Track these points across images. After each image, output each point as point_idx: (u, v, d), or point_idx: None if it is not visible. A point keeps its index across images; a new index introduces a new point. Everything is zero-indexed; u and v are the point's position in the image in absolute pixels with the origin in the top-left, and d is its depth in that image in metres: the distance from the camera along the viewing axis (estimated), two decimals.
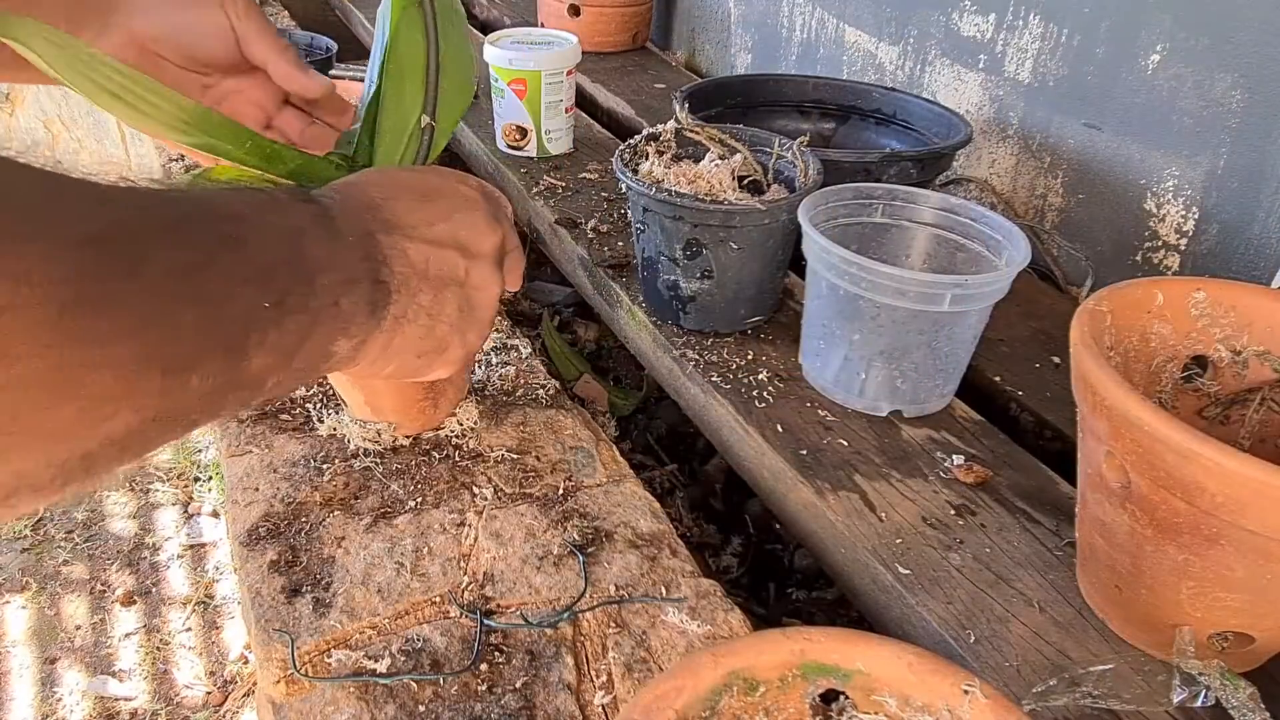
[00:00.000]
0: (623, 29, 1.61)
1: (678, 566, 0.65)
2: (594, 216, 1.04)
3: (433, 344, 0.47)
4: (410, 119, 0.59)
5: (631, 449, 1.00)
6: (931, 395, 0.74)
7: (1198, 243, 0.89)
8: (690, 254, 0.79)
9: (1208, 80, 0.84)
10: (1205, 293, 0.57)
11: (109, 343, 0.27)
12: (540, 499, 0.71)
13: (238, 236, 0.34)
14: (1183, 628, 0.51)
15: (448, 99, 0.61)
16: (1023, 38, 1.02)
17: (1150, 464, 0.46)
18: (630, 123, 1.36)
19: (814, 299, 0.75)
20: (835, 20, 1.31)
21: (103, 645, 1.77)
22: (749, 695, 0.44)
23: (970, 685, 0.42)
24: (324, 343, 0.39)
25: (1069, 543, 0.62)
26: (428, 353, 0.47)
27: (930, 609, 0.58)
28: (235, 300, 0.33)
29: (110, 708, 1.65)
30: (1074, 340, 0.52)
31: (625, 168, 0.80)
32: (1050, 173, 1.03)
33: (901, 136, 1.05)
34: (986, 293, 0.67)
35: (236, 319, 0.33)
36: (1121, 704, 0.52)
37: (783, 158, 0.83)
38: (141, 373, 0.29)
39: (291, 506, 0.69)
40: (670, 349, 0.83)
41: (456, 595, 0.62)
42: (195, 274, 0.31)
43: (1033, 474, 0.70)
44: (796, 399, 0.77)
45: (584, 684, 0.57)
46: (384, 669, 0.56)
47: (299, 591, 0.62)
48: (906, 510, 0.66)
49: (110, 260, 0.28)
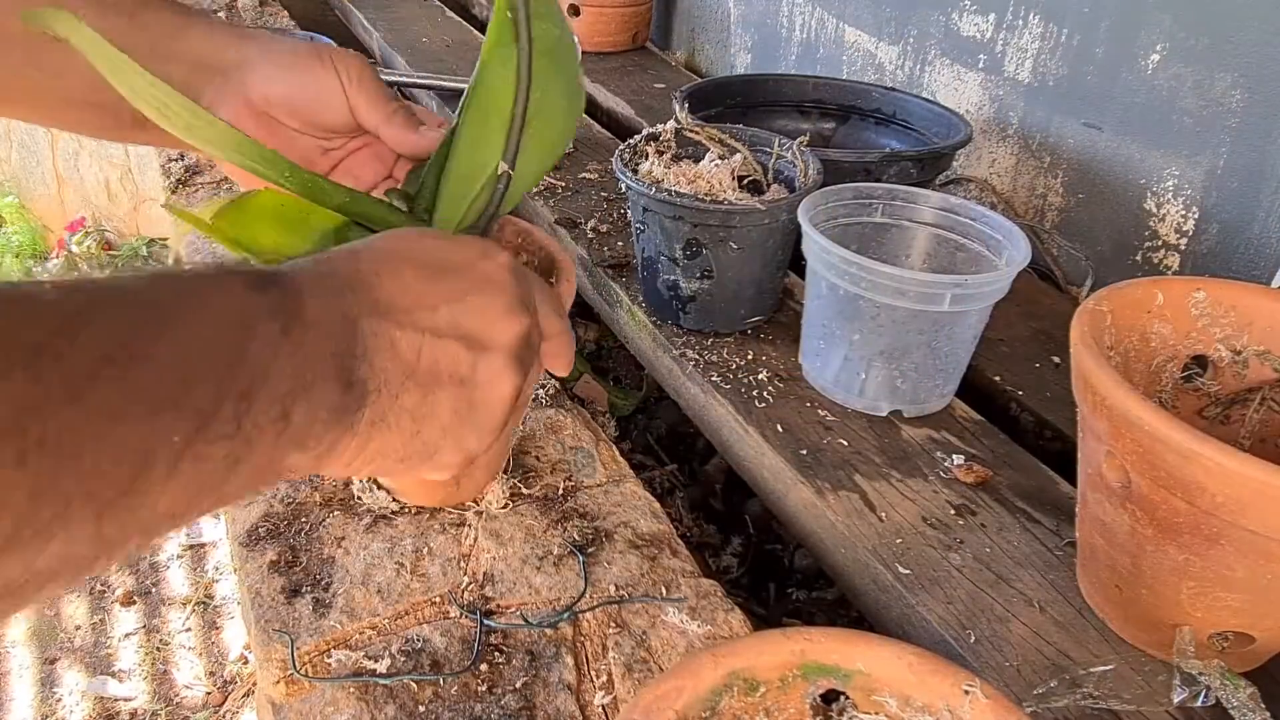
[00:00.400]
0: (623, 29, 1.61)
1: (678, 566, 0.65)
2: (594, 216, 1.04)
3: (418, 448, 0.40)
4: (488, 165, 0.53)
5: (631, 449, 1.00)
6: (931, 395, 0.74)
7: (1198, 242, 0.89)
8: (690, 254, 0.79)
9: (1208, 80, 0.84)
10: (1205, 292, 0.57)
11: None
12: (540, 499, 0.71)
13: (136, 352, 0.27)
14: (1183, 628, 0.51)
15: (535, 148, 0.54)
16: (1022, 37, 1.02)
17: (1151, 464, 0.46)
18: (630, 123, 1.36)
19: (814, 299, 0.74)
20: (835, 20, 1.31)
21: (102, 645, 1.76)
22: (749, 695, 0.44)
23: (971, 685, 0.42)
24: (266, 464, 0.32)
25: (1069, 543, 0.62)
26: (411, 457, 0.40)
27: (930, 609, 0.58)
28: (117, 440, 0.26)
29: (110, 708, 1.65)
30: (1074, 340, 0.52)
31: (625, 167, 0.80)
32: (1050, 172, 1.03)
33: (901, 136, 1.05)
34: (986, 292, 0.67)
35: (123, 461, 0.27)
36: (1122, 704, 0.52)
37: (783, 158, 0.83)
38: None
39: (291, 507, 0.69)
40: (670, 349, 0.83)
41: (456, 595, 0.62)
42: (57, 407, 0.25)
43: (1033, 474, 0.70)
44: (796, 399, 0.77)
45: (584, 684, 0.57)
46: (384, 669, 0.56)
47: (299, 592, 0.62)
48: (906, 510, 0.65)
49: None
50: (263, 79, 0.52)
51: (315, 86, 0.53)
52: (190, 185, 1.24)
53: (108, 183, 3.03)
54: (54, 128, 0.40)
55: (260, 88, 0.52)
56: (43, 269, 3.12)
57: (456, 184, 0.54)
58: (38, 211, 3.39)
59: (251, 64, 0.52)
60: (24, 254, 3.18)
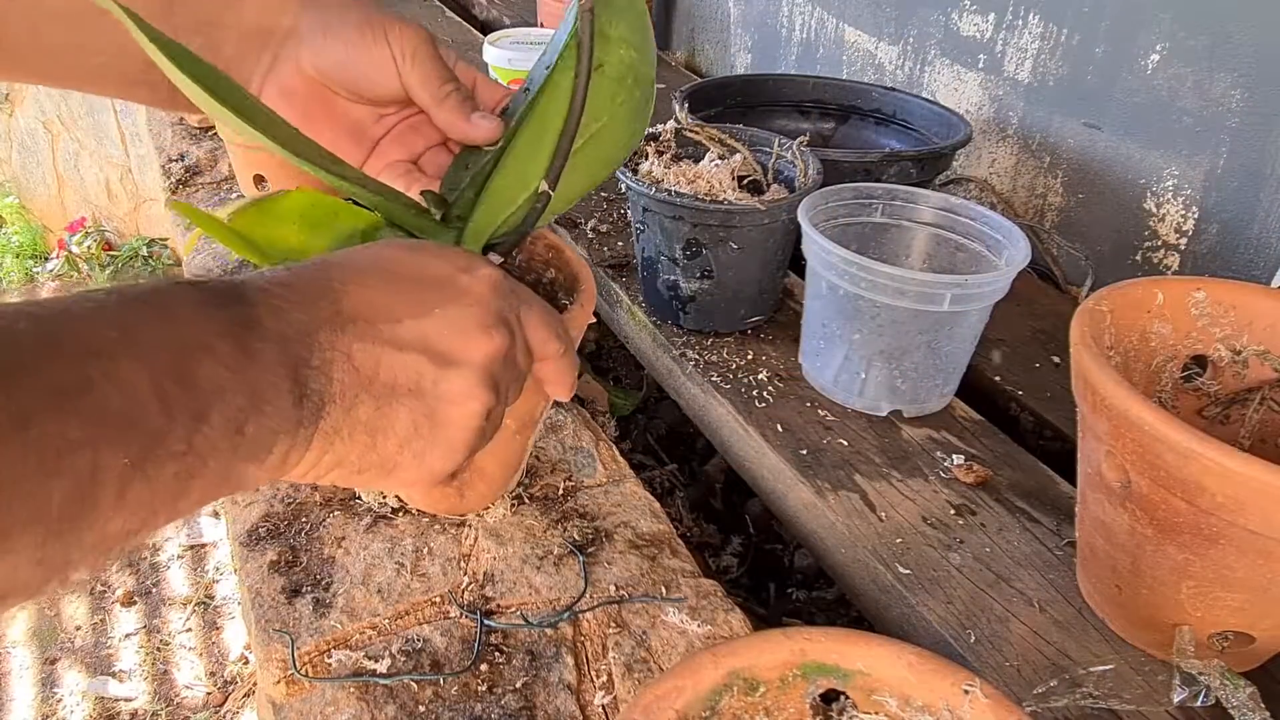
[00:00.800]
0: None
1: (678, 566, 0.65)
2: (594, 216, 1.04)
3: (375, 461, 0.39)
4: (533, 183, 0.52)
5: (631, 449, 1.00)
6: (931, 395, 0.74)
7: (1198, 242, 0.89)
8: (690, 254, 0.79)
9: (1207, 79, 0.84)
10: (1205, 292, 0.57)
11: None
12: (540, 499, 0.71)
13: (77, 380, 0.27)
14: (1183, 627, 0.51)
15: (583, 170, 0.53)
16: (1022, 37, 1.02)
17: (1150, 464, 0.46)
18: None
19: (814, 299, 0.75)
20: (835, 20, 1.31)
21: (103, 646, 1.77)
22: (749, 695, 0.44)
23: (971, 685, 0.42)
24: (221, 479, 0.32)
25: (1069, 542, 0.62)
26: (368, 470, 0.39)
27: (930, 609, 0.58)
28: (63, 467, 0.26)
29: (110, 708, 1.65)
30: (1074, 340, 0.52)
31: (625, 167, 0.80)
32: (1050, 172, 1.03)
33: (901, 136, 1.05)
34: (986, 292, 0.67)
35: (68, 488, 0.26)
36: (1122, 704, 0.52)
37: (782, 158, 0.83)
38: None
39: (292, 507, 0.69)
40: (670, 349, 0.83)
41: (456, 595, 0.62)
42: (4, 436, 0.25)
43: (1033, 474, 0.70)
44: (796, 399, 0.77)
45: (584, 684, 0.57)
46: (384, 669, 0.56)
47: (299, 592, 0.62)
48: (907, 510, 0.66)
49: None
50: (313, 51, 0.51)
51: (366, 61, 0.51)
52: (190, 185, 1.24)
53: (108, 183, 3.03)
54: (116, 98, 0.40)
55: (311, 59, 0.51)
56: (43, 269, 3.12)
57: (498, 196, 0.53)
58: (38, 212, 3.40)
59: (302, 35, 0.51)
60: (24, 254, 3.18)
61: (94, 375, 0.28)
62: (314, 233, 0.49)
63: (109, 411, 0.28)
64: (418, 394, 0.39)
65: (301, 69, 0.51)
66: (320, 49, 0.51)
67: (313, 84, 0.52)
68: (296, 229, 0.48)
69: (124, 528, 0.29)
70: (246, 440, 0.33)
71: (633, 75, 0.53)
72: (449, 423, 0.40)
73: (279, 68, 0.51)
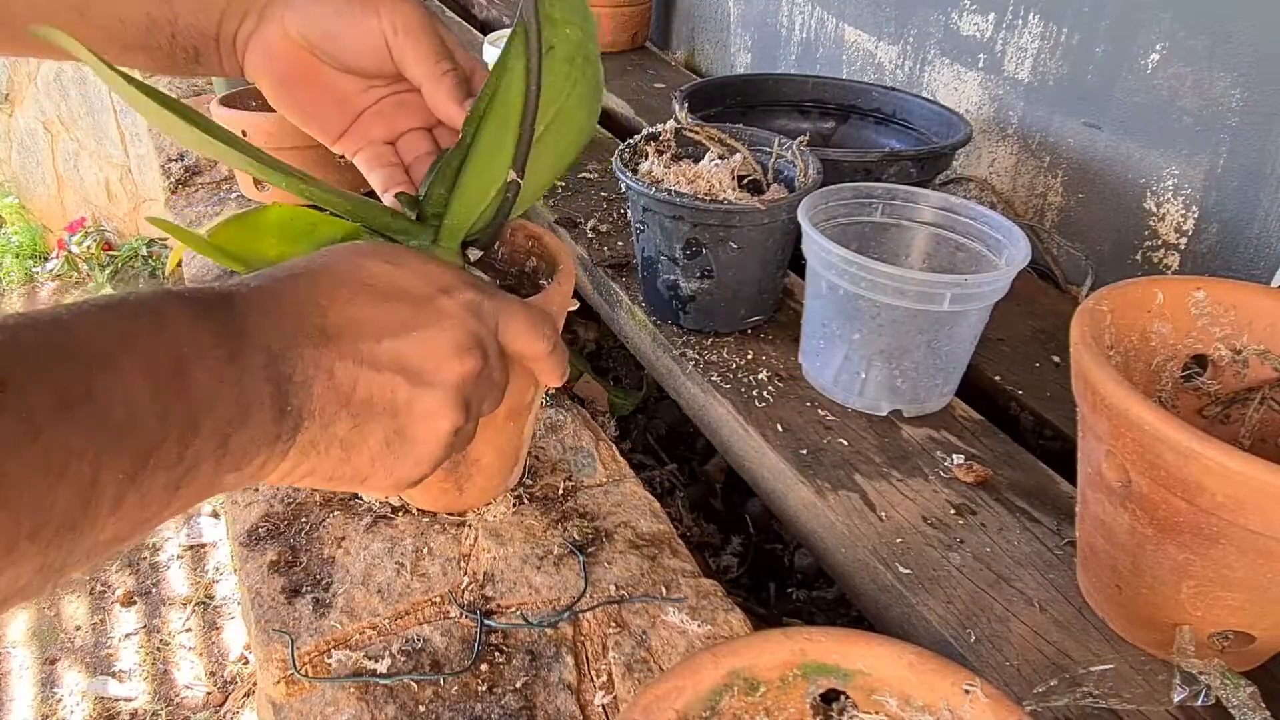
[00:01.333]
0: (622, 29, 1.61)
1: (678, 566, 0.65)
2: (593, 216, 1.04)
3: (347, 473, 0.40)
4: (502, 174, 0.52)
5: (631, 449, 1.00)
6: (931, 395, 0.74)
7: (1198, 242, 0.89)
8: (690, 254, 0.79)
9: (1207, 79, 0.84)
10: (1205, 292, 0.57)
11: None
12: (540, 499, 0.71)
13: (81, 391, 0.28)
14: (1183, 627, 0.51)
15: (549, 154, 0.53)
16: (1022, 37, 1.02)
17: (1150, 463, 0.46)
18: (630, 122, 1.36)
19: (814, 299, 0.75)
20: (835, 20, 1.31)
21: (103, 646, 1.77)
22: (749, 695, 0.44)
23: (971, 685, 0.42)
24: (204, 487, 0.33)
25: (1069, 542, 0.62)
26: (340, 479, 0.41)
27: (931, 608, 0.58)
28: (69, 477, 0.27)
29: (110, 708, 1.65)
30: (1074, 339, 0.52)
31: (625, 167, 0.80)
32: (1050, 172, 1.03)
33: (901, 136, 1.05)
34: (986, 292, 0.67)
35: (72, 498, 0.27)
36: (1122, 703, 0.52)
37: (782, 157, 0.83)
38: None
39: (291, 507, 0.69)
40: (670, 348, 0.83)
41: (456, 595, 0.62)
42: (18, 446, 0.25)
43: (1033, 473, 0.70)
44: (796, 398, 0.77)
45: (584, 684, 0.57)
46: (384, 669, 0.56)
47: (299, 592, 0.62)
48: (907, 510, 0.65)
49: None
50: (301, 19, 0.51)
51: (353, 32, 0.51)
52: (190, 185, 1.24)
53: (108, 183, 3.03)
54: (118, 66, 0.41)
55: (298, 24, 0.51)
56: (42, 269, 3.12)
57: (470, 193, 0.53)
58: (38, 212, 3.39)
59: (291, 2, 0.51)
60: (24, 254, 3.18)
61: (96, 385, 0.28)
62: (294, 245, 0.49)
63: (110, 421, 0.28)
64: (392, 412, 0.40)
65: (287, 33, 0.51)
66: (308, 14, 0.51)
67: (298, 49, 0.52)
68: (276, 241, 0.49)
69: (114, 535, 0.30)
70: (230, 451, 0.34)
71: (581, 54, 0.53)
72: (419, 439, 0.42)
73: (264, 29, 0.51)
